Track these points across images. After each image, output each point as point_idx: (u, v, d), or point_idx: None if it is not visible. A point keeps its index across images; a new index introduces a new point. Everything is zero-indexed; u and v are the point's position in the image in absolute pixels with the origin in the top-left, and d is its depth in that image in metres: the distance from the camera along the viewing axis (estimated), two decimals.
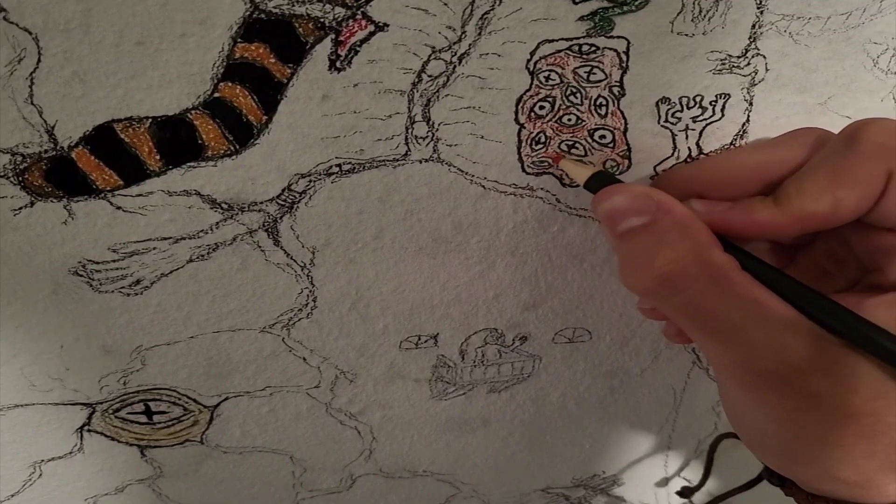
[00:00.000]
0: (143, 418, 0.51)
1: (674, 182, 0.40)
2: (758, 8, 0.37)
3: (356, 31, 0.35)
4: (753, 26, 0.38)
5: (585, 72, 0.38)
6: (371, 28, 0.35)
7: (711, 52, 0.39)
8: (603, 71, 0.39)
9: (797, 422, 0.34)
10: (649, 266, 0.35)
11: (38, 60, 0.33)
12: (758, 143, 0.42)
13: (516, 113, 0.39)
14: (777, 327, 0.33)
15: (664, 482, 0.70)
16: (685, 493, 0.64)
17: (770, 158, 0.38)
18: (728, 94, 0.41)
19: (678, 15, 0.37)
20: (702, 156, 0.42)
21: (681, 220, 0.36)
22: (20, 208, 0.38)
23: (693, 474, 0.70)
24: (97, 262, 0.41)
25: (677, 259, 0.35)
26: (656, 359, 0.56)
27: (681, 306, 0.35)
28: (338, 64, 0.36)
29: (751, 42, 0.39)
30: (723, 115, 0.41)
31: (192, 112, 0.36)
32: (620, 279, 0.38)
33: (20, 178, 0.36)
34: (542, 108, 0.39)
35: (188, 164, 0.38)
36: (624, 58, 0.38)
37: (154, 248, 0.41)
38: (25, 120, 0.34)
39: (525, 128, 0.40)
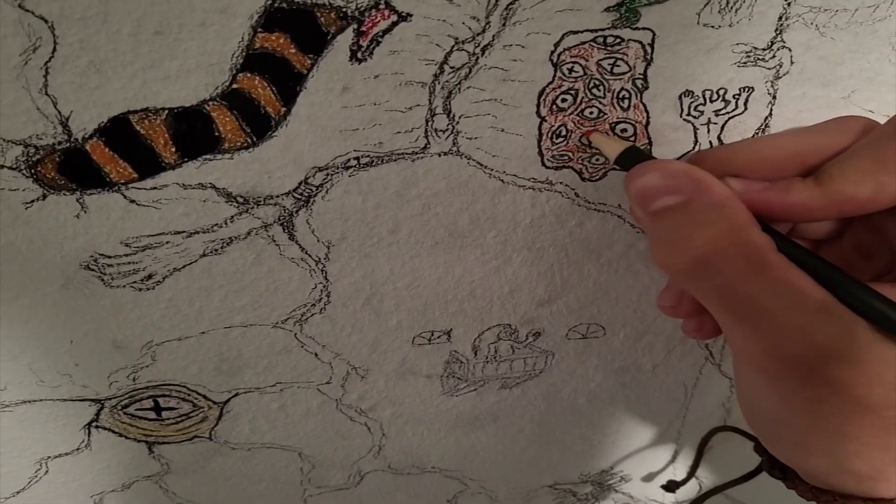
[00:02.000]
0: (152, 414, 0.50)
1: (710, 162, 0.38)
2: (786, 0, 0.37)
3: (379, 22, 0.34)
4: (780, 18, 0.37)
5: (609, 64, 0.38)
6: (394, 18, 0.34)
7: (737, 44, 0.38)
8: (627, 63, 0.38)
9: (815, 412, 0.33)
10: (684, 247, 0.34)
11: (54, 49, 0.32)
12: (798, 128, 0.41)
13: (538, 106, 0.39)
14: (809, 312, 0.32)
15: (671, 479, 0.70)
16: (670, 486, 0.63)
17: (812, 143, 0.36)
18: (752, 88, 0.40)
19: (705, 6, 0.36)
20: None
21: (718, 199, 0.35)
22: (32, 201, 0.37)
23: (701, 470, 0.69)
24: (109, 257, 0.40)
25: (714, 240, 0.34)
26: (669, 355, 0.56)
27: (714, 289, 0.34)
28: (359, 55, 0.35)
29: (777, 34, 0.38)
30: (745, 109, 0.41)
31: (210, 103, 0.35)
32: (653, 259, 0.36)
33: (33, 171, 0.36)
34: (564, 100, 0.39)
35: (204, 156, 0.37)
36: (649, 50, 0.37)
37: (167, 242, 0.40)
38: (39, 111, 0.34)
39: (546, 121, 0.39)
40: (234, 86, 0.35)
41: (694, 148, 0.42)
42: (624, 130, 0.40)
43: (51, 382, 0.46)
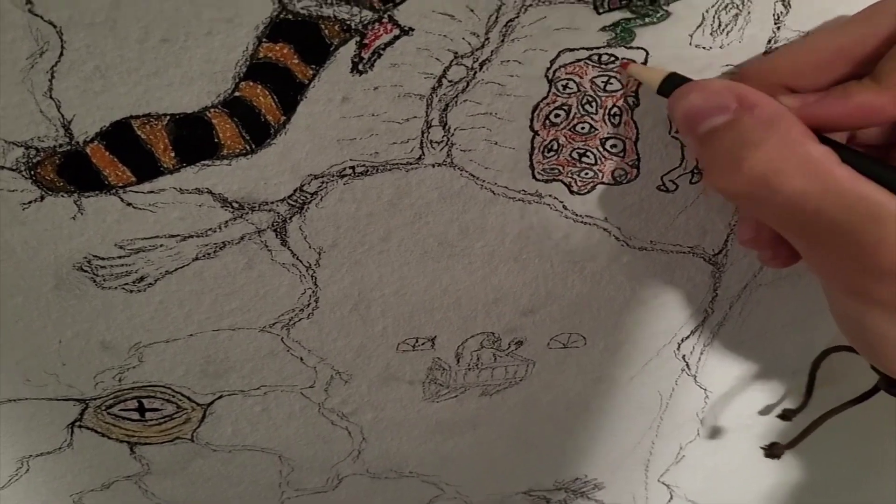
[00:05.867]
0: (136, 415, 0.50)
1: (756, 76, 0.37)
2: (775, 24, 0.38)
3: (381, 35, 0.35)
4: (769, 42, 0.38)
5: (603, 81, 0.39)
6: (396, 32, 0.35)
7: (727, 65, 0.39)
8: (620, 81, 0.39)
9: None
10: (738, 168, 0.33)
11: (61, 54, 0.32)
12: (838, 23, 0.38)
13: (531, 120, 0.40)
14: (889, 224, 0.30)
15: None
16: (787, 415, 0.61)
17: (853, 35, 0.35)
18: None
19: (697, 28, 0.37)
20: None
21: (767, 114, 0.33)
22: (30, 202, 0.37)
23: (674, 479, 0.71)
24: (103, 258, 0.40)
25: (768, 157, 0.32)
26: (646, 365, 0.57)
27: (778, 209, 0.33)
28: (360, 66, 0.36)
29: None
30: None
31: (211, 110, 0.36)
32: (707, 184, 0.35)
33: (32, 172, 0.36)
34: (557, 116, 0.40)
35: (202, 162, 0.37)
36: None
37: (161, 246, 0.40)
38: (42, 114, 0.34)
39: (539, 135, 0.40)
40: (237, 94, 0.35)
41: (681, 165, 0.43)
42: (614, 146, 0.41)
43: (37, 381, 0.46)
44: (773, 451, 0.59)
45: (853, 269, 0.32)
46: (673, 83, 0.37)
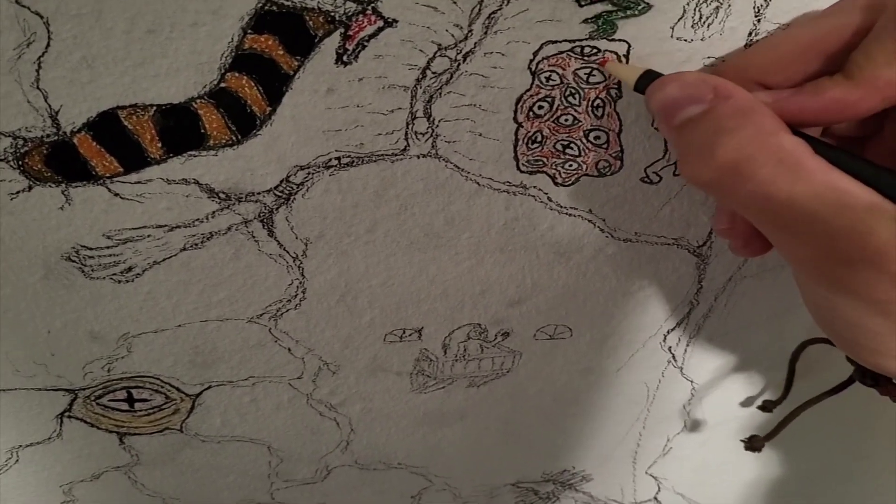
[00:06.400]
0: (125, 405, 0.50)
1: (730, 70, 0.38)
2: (755, 17, 0.38)
3: (365, 26, 0.35)
4: (750, 34, 0.39)
5: (585, 73, 0.39)
6: (380, 23, 0.35)
7: (708, 57, 0.39)
8: (602, 73, 0.39)
9: (888, 313, 0.32)
10: (711, 156, 0.33)
11: (48, 45, 0.33)
12: (809, 16, 0.38)
13: (515, 112, 0.40)
14: (858, 212, 0.31)
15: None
16: (767, 406, 0.61)
17: (825, 28, 0.35)
18: None
19: (679, 20, 0.38)
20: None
21: (741, 104, 0.33)
22: (17, 192, 0.37)
23: (662, 471, 0.71)
24: (91, 248, 0.41)
25: (740, 146, 0.32)
26: (632, 357, 0.57)
27: (749, 197, 0.33)
28: (345, 58, 0.36)
29: None
30: None
31: (197, 101, 0.36)
32: (681, 173, 0.35)
33: (20, 162, 0.36)
34: (540, 107, 0.40)
35: (189, 152, 0.38)
36: (624, 61, 0.39)
37: (149, 236, 0.41)
38: (30, 104, 0.34)
39: (523, 127, 0.41)
40: (222, 85, 0.35)
41: (664, 157, 0.43)
42: (597, 138, 0.42)
43: (26, 372, 0.46)
44: (752, 443, 0.60)
45: (824, 259, 0.33)
46: (649, 80, 0.37)
